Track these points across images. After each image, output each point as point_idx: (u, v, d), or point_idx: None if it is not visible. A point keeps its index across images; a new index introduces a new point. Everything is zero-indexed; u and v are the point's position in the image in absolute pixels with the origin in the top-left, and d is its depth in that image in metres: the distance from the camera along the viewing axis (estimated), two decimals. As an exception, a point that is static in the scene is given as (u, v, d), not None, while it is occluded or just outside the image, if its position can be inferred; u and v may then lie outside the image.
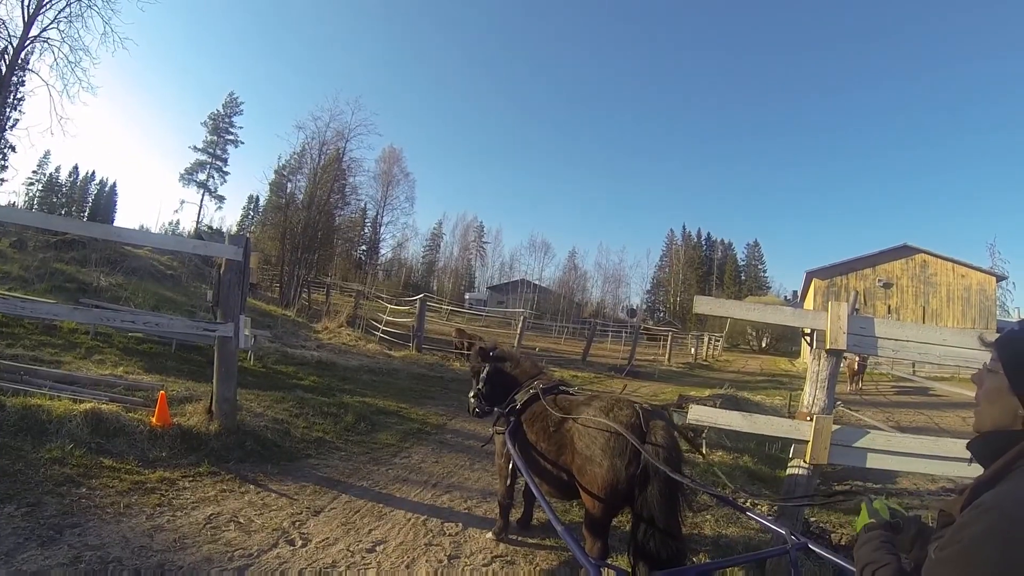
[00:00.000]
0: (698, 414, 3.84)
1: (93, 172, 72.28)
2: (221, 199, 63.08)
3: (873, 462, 3.53)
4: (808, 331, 3.71)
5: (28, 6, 20.51)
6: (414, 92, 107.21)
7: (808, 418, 3.53)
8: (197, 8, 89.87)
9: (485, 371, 3.91)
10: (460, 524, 4.12)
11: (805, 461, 3.52)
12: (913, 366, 20.55)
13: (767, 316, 4.30)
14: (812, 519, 4.54)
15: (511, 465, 3.43)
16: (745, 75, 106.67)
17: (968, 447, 1.25)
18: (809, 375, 3.68)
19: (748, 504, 4.02)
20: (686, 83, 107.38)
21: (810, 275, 34.79)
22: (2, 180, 39.78)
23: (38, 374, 5.66)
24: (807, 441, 3.49)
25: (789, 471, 3.70)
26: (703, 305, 3.92)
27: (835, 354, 3.61)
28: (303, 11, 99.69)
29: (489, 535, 3.90)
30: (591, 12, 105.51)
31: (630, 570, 2.27)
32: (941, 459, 3.49)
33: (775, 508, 4.09)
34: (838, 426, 3.59)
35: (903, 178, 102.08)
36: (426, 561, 3.47)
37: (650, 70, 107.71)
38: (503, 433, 3.52)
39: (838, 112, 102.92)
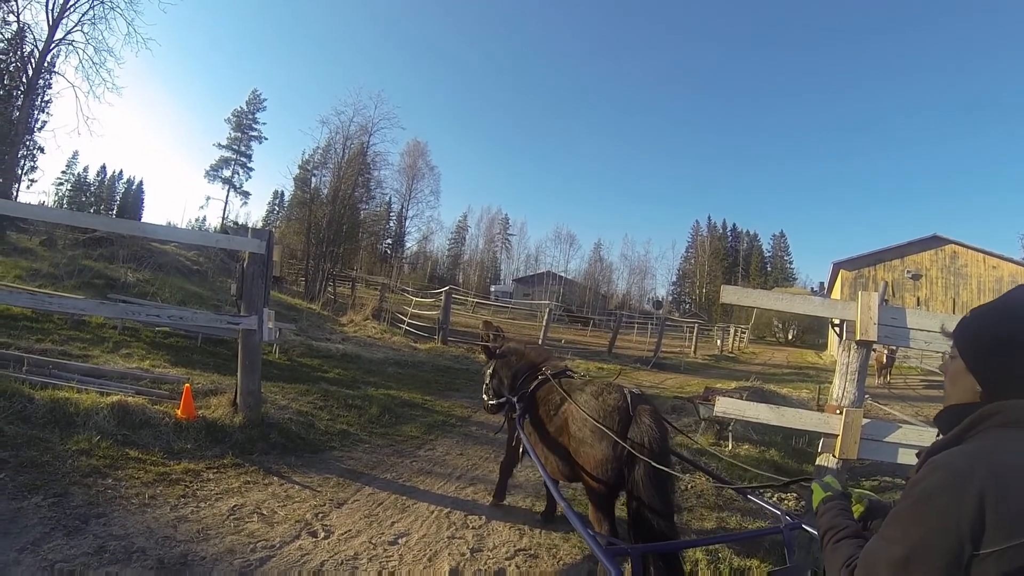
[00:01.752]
0: (725, 407, 3.78)
1: (120, 171, 74.52)
2: (246, 195, 64.50)
3: (904, 458, 3.43)
4: (837, 322, 3.63)
5: (52, 10, 21.16)
6: (435, 85, 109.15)
7: (837, 411, 3.47)
8: (219, 7, 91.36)
9: (491, 367, 4.19)
10: (483, 517, 4.13)
11: (834, 455, 3.45)
12: (943, 359, 20.02)
13: (795, 306, 4.19)
14: None
15: (520, 449, 3.59)
16: (772, 68, 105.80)
17: (934, 421, 1.39)
18: (838, 367, 3.60)
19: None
20: (711, 76, 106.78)
21: (837, 266, 34.34)
22: (32, 180, 41.26)
23: (67, 368, 5.82)
24: (836, 435, 3.42)
25: (817, 466, 3.63)
26: (730, 295, 3.85)
27: (865, 345, 3.52)
28: (323, 7, 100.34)
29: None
30: (613, 6, 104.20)
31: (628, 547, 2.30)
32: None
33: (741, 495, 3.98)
34: (868, 420, 3.51)
35: (933, 168, 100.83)
36: (448, 554, 3.48)
37: (674, 64, 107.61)
38: (513, 418, 3.72)
39: (868, 104, 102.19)
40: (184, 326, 8.89)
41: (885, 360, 17.77)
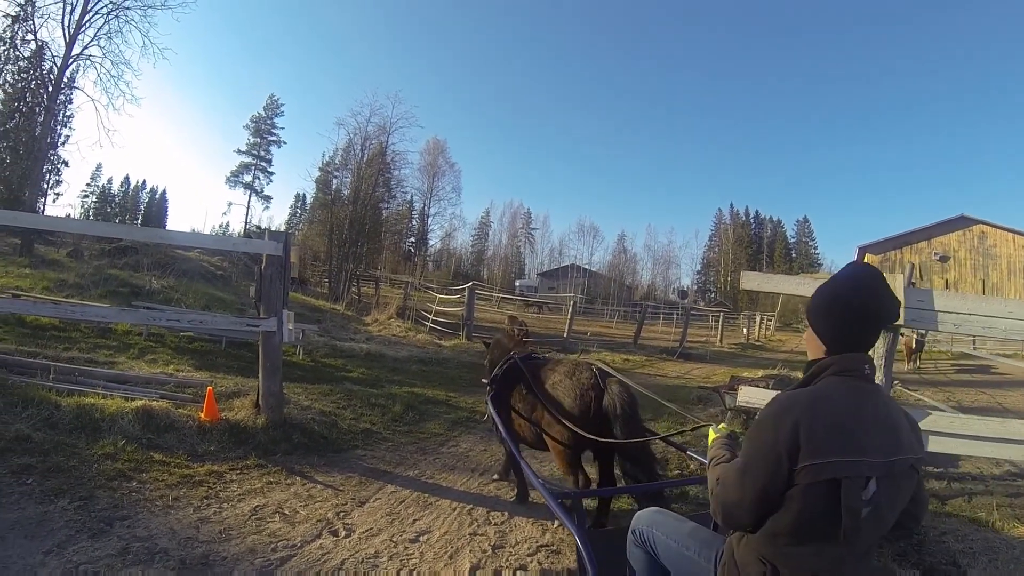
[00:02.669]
0: (748, 395, 3.77)
1: (144, 181, 76.47)
2: (268, 199, 65.54)
3: (935, 445, 3.35)
4: None
5: (68, 26, 21.79)
6: (452, 82, 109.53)
7: None
8: (232, 15, 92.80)
9: (487, 359, 4.67)
10: (506, 513, 4.13)
11: None
12: (974, 342, 19.77)
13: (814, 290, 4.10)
14: None
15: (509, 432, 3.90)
16: (791, 54, 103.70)
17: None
18: None
19: None
20: (731, 62, 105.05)
21: (862, 250, 33.80)
22: (58, 194, 42.58)
23: (92, 375, 5.99)
24: None
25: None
26: (750, 281, 3.82)
27: (891, 330, 3.45)
28: (336, 8, 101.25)
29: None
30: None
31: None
32: (1009, 442, 3.27)
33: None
34: None
35: (959, 147, 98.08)
36: (470, 551, 3.49)
37: (694, 51, 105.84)
38: (487, 400, 4.20)
39: (892, 87, 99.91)
40: (205, 330, 9.09)
41: (915, 345, 17.37)
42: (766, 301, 44.65)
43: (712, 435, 2.14)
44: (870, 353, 1.77)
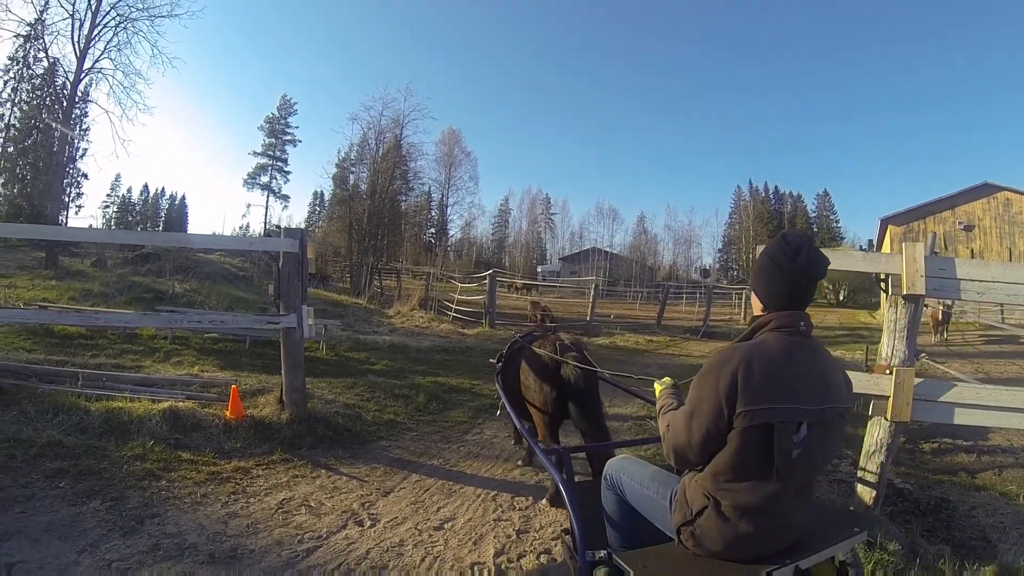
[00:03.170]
0: None
1: (163, 188, 77.82)
2: (286, 198, 65.97)
3: (961, 417, 3.28)
4: (884, 276, 3.51)
5: (78, 41, 22.22)
6: (462, 72, 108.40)
7: (887, 371, 3.34)
8: (239, 17, 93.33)
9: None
10: (530, 498, 4.17)
11: (886, 418, 3.33)
12: (1002, 312, 19.31)
13: (835, 262, 3.99)
14: (899, 481, 4.29)
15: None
16: (808, 24, 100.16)
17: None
18: (886, 324, 3.47)
19: None
20: (745, 36, 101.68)
21: (885, 221, 33.14)
22: (79, 207, 43.78)
23: (119, 379, 6.16)
24: (887, 397, 3.30)
25: (870, 430, 3.51)
26: None
27: (913, 300, 3.36)
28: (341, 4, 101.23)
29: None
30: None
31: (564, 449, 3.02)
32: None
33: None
34: (920, 379, 3.35)
35: (982, 113, 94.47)
36: (494, 537, 3.53)
37: (704, 27, 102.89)
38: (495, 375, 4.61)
39: (908, 56, 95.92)
40: (227, 329, 9.27)
41: (941, 316, 16.97)
42: None
43: (658, 388, 2.37)
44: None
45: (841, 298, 44.50)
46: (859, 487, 3.46)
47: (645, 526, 2.21)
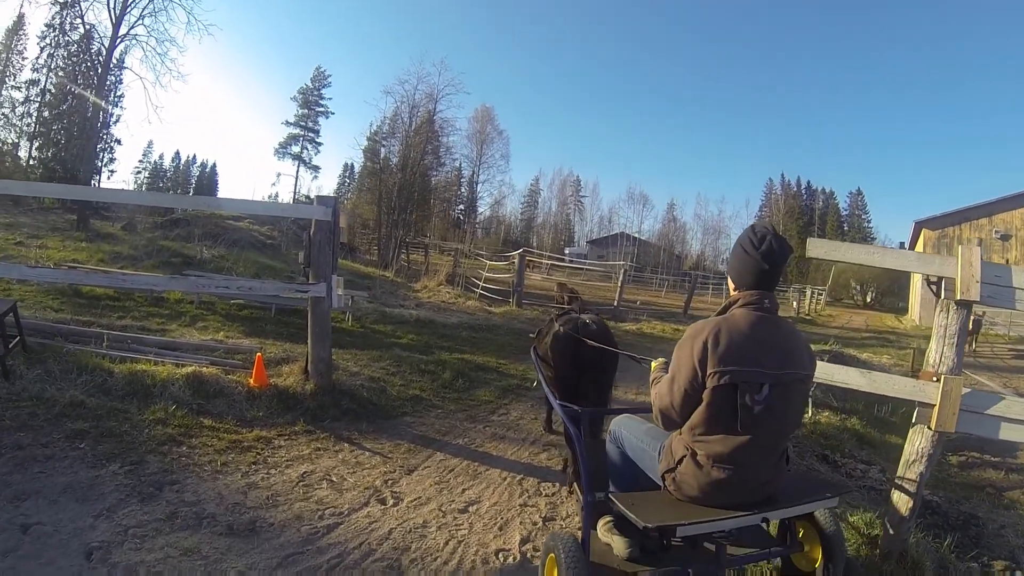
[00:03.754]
0: (824, 372, 3.54)
1: (194, 155, 78.66)
2: (316, 169, 66.44)
3: (1008, 433, 3.11)
4: (934, 279, 3.32)
5: (114, 8, 22.33)
6: (498, 51, 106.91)
7: (934, 378, 3.17)
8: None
9: None
10: (557, 484, 4.08)
11: (930, 427, 3.16)
12: None
13: (888, 260, 3.79)
14: (928, 494, 4.11)
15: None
16: (849, 24, 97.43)
17: None
18: (935, 329, 3.30)
19: None
20: (785, 32, 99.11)
21: (919, 225, 32.10)
22: (112, 171, 44.79)
23: (144, 342, 6.18)
24: (933, 405, 3.14)
25: (911, 438, 3.34)
26: (817, 248, 3.56)
27: (965, 306, 3.21)
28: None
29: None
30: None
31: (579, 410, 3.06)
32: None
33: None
34: (968, 389, 3.18)
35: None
36: (520, 523, 3.44)
37: (746, 24, 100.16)
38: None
39: (952, 59, 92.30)
40: (254, 296, 9.29)
41: (972, 325, 16.38)
42: (816, 275, 43.62)
43: (654, 365, 2.83)
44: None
45: (868, 300, 43.59)
46: (895, 495, 3.33)
47: (642, 477, 2.59)
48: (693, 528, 2.13)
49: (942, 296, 3.32)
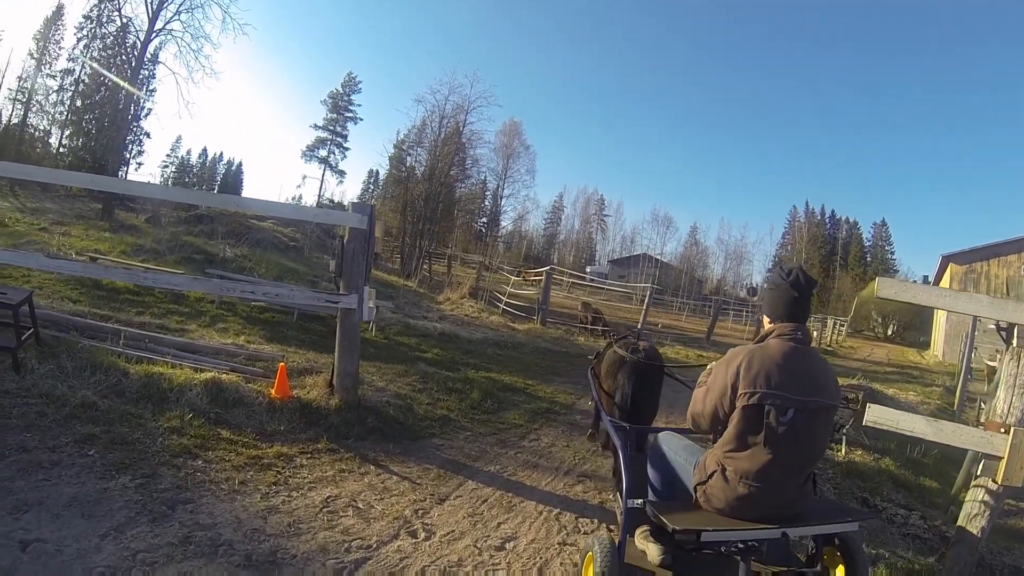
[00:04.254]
0: (877, 416, 3.42)
1: (221, 153, 79.92)
2: (342, 174, 67.44)
3: None
4: (1005, 325, 3.37)
5: (151, 2, 22.77)
6: (528, 66, 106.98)
7: (1002, 429, 3.11)
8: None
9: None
10: (596, 520, 3.84)
11: (996, 480, 3.06)
12: None
13: (959, 304, 3.81)
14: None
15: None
16: (882, 62, 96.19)
17: None
18: (1004, 378, 3.26)
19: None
20: (816, 67, 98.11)
21: (946, 259, 31.28)
22: (140, 164, 45.54)
23: (162, 342, 5.98)
24: (1000, 457, 3.05)
25: (973, 490, 3.25)
26: (887, 288, 3.54)
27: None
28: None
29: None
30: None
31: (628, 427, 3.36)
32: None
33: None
34: None
35: None
36: (560, 564, 3.20)
37: (776, 55, 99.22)
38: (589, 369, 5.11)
39: (985, 102, 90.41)
40: (280, 303, 9.09)
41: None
42: (837, 306, 42.79)
43: (704, 374, 2.85)
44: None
45: (889, 332, 42.73)
46: (954, 551, 3.24)
47: (678, 489, 2.80)
48: (716, 535, 2.34)
49: (1013, 343, 3.32)
